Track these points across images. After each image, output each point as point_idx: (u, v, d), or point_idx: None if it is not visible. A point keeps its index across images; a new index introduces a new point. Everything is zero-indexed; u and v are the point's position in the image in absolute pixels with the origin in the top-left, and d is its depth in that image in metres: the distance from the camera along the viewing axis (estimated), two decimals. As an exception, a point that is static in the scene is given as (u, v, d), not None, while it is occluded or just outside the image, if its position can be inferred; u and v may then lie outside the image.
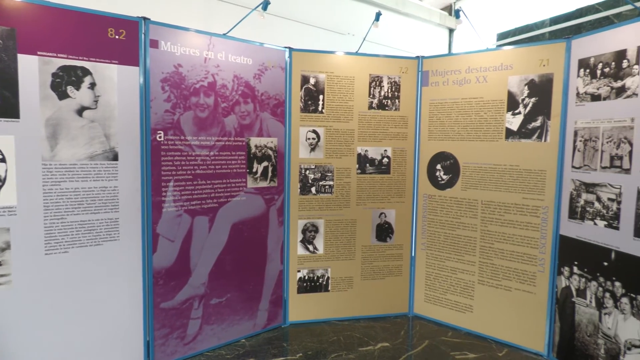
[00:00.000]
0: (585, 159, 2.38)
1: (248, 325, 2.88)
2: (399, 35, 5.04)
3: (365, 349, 2.76)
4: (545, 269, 2.66)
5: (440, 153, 3.09)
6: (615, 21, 3.35)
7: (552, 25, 3.90)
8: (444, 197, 3.09)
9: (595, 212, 2.32)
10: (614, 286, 2.22)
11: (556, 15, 3.87)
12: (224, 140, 2.65)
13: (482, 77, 2.86)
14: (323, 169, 3.06)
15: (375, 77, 3.08)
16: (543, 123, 2.62)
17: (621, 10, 3.30)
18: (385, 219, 3.20)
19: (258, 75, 2.78)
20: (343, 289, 3.18)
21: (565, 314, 2.54)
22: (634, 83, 2.11)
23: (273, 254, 2.97)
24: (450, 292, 3.10)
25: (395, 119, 3.15)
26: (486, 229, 2.90)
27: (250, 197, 2.81)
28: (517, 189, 2.75)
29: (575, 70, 2.45)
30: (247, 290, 2.85)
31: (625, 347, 2.16)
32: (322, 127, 3.03)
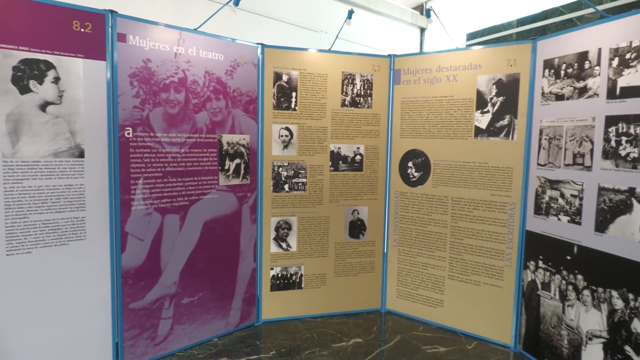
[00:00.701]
0: (550, 157, 2.46)
1: (221, 324, 2.85)
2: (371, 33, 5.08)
3: (339, 345, 2.78)
4: (512, 263, 2.74)
5: (411, 150, 3.13)
6: (578, 24, 3.47)
7: (519, 27, 4.01)
8: (415, 194, 3.14)
9: (559, 207, 2.40)
10: (576, 279, 2.31)
11: (523, 16, 3.98)
12: (195, 137, 2.61)
13: (453, 76, 2.91)
14: (296, 167, 3.05)
15: (348, 74, 3.10)
16: (510, 121, 2.70)
17: (584, 14, 3.42)
18: (358, 216, 3.23)
19: (230, 72, 2.75)
20: (316, 286, 3.19)
21: (531, 307, 2.62)
22: (595, 84, 2.19)
23: (246, 252, 2.95)
24: (421, 287, 3.15)
25: (368, 117, 3.17)
26: (456, 225, 2.96)
27: (222, 195, 2.78)
28: (486, 185, 2.81)
29: (541, 71, 2.53)
30: (219, 289, 2.82)
31: (586, 337, 2.25)
32: (295, 125, 3.02)
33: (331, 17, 4.60)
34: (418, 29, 5.69)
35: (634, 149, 1.99)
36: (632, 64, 2.00)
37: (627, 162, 2.02)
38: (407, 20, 5.41)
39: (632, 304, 2.00)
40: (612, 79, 2.10)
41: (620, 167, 2.06)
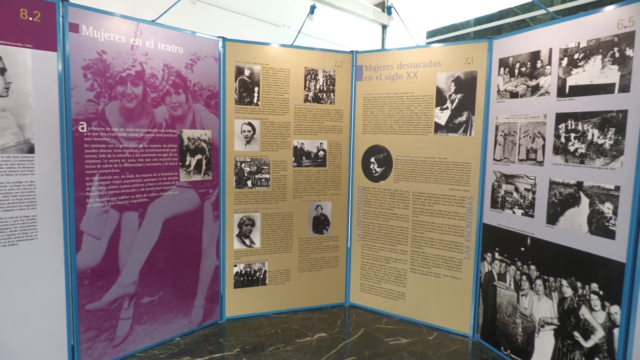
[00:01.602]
0: (505, 152, 2.55)
1: (183, 323, 2.80)
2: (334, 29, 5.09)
3: (303, 340, 2.79)
4: (470, 255, 2.83)
5: (374, 146, 3.17)
6: (531, 24, 3.61)
7: (477, 26, 4.13)
8: (377, 189, 3.18)
9: (514, 201, 2.50)
10: (529, 269, 2.41)
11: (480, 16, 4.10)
12: (154, 132, 2.54)
13: (413, 73, 2.96)
14: (259, 162, 3.03)
15: (310, 70, 3.09)
16: (468, 118, 2.78)
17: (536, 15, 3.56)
18: (321, 211, 3.24)
19: (190, 65, 2.69)
20: (280, 281, 3.18)
21: (487, 297, 2.72)
22: (546, 82, 2.29)
23: (208, 249, 2.90)
24: (384, 281, 3.21)
25: (331, 113, 3.18)
26: (417, 219, 3.02)
27: (183, 192, 2.72)
28: (445, 180, 2.89)
29: (497, 69, 2.62)
30: (181, 287, 2.76)
31: (539, 324, 2.36)
32: (258, 120, 3.00)
33: (294, 12, 4.58)
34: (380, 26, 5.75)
35: (582, 145, 2.09)
36: (580, 64, 2.11)
37: (575, 157, 2.13)
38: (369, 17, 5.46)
39: (580, 292, 2.11)
40: (561, 78, 2.20)
41: (569, 162, 2.16)
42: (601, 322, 2.01)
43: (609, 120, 1.97)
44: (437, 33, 4.61)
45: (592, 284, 2.05)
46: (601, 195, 2.01)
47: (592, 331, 2.05)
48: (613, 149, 1.96)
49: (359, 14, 5.29)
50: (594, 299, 2.04)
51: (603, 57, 2.01)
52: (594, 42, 2.04)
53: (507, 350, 2.57)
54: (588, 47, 2.07)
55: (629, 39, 1.90)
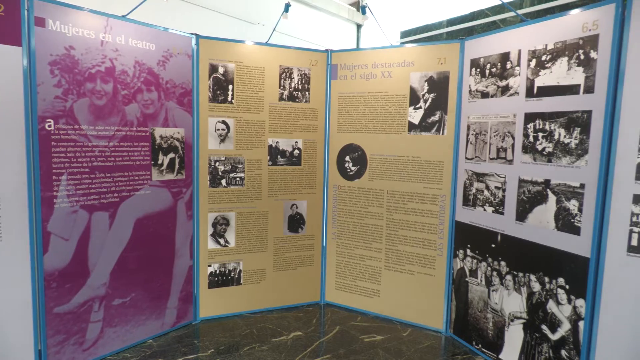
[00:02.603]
0: (477, 151, 2.61)
1: (156, 325, 2.75)
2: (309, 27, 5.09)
3: (279, 340, 2.78)
4: (443, 252, 2.88)
5: (349, 145, 3.19)
6: (501, 26, 3.70)
7: (449, 27, 4.20)
8: (352, 187, 3.20)
9: (485, 199, 2.56)
10: (500, 265, 2.47)
11: (452, 17, 4.18)
12: (125, 130, 2.49)
13: (387, 72, 2.99)
14: (233, 161, 3.00)
15: (285, 68, 3.08)
16: (441, 117, 2.82)
17: (506, 17, 3.65)
18: (297, 210, 3.24)
19: (162, 62, 2.64)
20: (255, 281, 3.16)
21: (460, 293, 2.78)
22: (515, 83, 2.35)
23: (182, 249, 2.86)
24: (359, 278, 3.23)
25: (306, 111, 3.18)
26: (391, 217, 3.06)
27: (155, 191, 2.67)
28: (419, 179, 2.93)
29: (468, 69, 2.67)
30: (153, 289, 2.71)
31: (509, 319, 2.43)
32: (232, 118, 2.97)
33: (269, 10, 4.55)
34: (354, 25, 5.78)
35: (549, 144, 2.16)
36: (547, 65, 2.17)
37: (543, 156, 2.19)
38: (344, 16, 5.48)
39: (547, 287, 2.18)
40: (530, 78, 2.26)
41: (537, 160, 2.22)
42: (567, 315, 2.08)
43: (574, 120, 2.04)
44: (411, 33, 4.67)
45: (558, 278, 2.12)
46: (567, 192, 2.08)
47: (559, 324, 2.12)
48: (578, 148, 2.02)
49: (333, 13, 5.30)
50: (560, 293, 2.11)
51: (569, 59, 2.07)
52: (561, 44, 2.11)
53: (479, 345, 2.63)
54: (555, 49, 2.14)
55: (593, 42, 1.97)
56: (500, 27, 3.64)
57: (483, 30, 3.84)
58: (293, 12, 4.64)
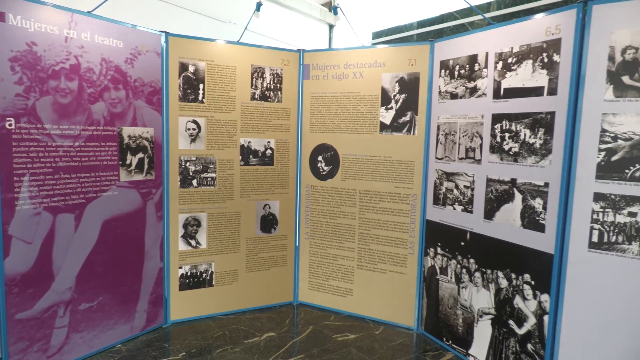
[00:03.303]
0: (446, 151, 2.66)
1: (125, 329, 2.69)
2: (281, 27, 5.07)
3: (252, 341, 2.76)
4: (415, 251, 2.92)
5: (321, 145, 3.19)
6: (469, 28, 3.78)
7: (419, 28, 4.27)
8: (325, 187, 3.21)
9: (454, 198, 2.61)
10: (469, 263, 2.53)
11: (423, 19, 4.24)
12: (92, 129, 2.42)
13: (359, 72, 3.01)
14: (205, 161, 2.96)
15: (257, 68, 3.06)
16: (412, 118, 2.86)
17: (474, 20, 3.73)
18: (269, 210, 3.22)
19: (130, 60, 2.58)
20: (228, 282, 3.13)
21: (431, 291, 2.82)
22: (483, 84, 2.41)
23: (151, 251, 2.80)
24: (332, 278, 3.24)
25: (278, 111, 3.17)
26: (364, 217, 3.08)
27: (123, 192, 2.60)
28: (390, 178, 2.96)
29: (438, 71, 2.72)
30: (122, 292, 2.65)
31: (478, 315, 2.48)
32: (203, 118, 2.93)
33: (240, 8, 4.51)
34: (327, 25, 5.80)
35: (515, 144, 2.22)
36: (513, 68, 2.23)
37: (509, 155, 2.25)
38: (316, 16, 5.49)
39: (514, 283, 2.24)
40: (497, 80, 2.32)
41: (504, 160, 2.29)
42: (533, 310, 2.15)
43: (539, 121, 2.11)
44: (382, 34, 4.72)
45: (525, 274, 2.19)
46: (532, 191, 2.15)
47: (525, 319, 2.19)
48: (542, 148, 2.09)
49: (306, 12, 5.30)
50: (526, 289, 2.18)
51: (533, 61, 2.14)
52: (526, 47, 2.17)
53: (449, 341, 2.69)
54: (520, 52, 2.20)
55: (556, 46, 2.03)
56: (469, 29, 3.72)
57: (452, 32, 3.92)
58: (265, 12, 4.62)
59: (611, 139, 1.85)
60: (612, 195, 1.86)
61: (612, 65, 1.84)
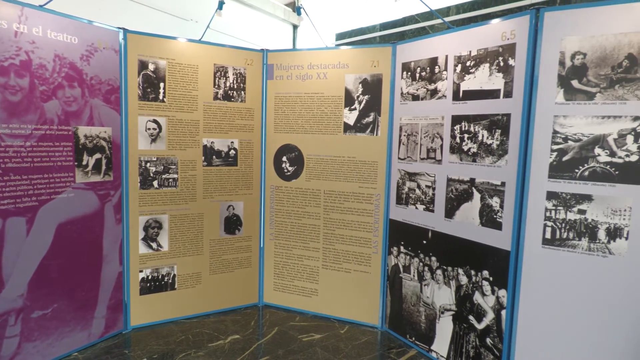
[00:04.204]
0: (408, 151, 2.71)
1: (82, 336, 2.58)
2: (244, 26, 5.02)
3: (215, 344, 2.72)
4: (378, 250, 2.96)
5: (285, 145, 3.19)
6: (430, 32, 3.87)
7: (382, 30, 4.33)
8: (290, 187, 3.20)
9: (417, 197, 2.66)
10: (431, 261, 2.59)
11: (385, 21, 4.31)
12: (45, 128, 2.31)
13: (323, 73, 3.03)
14: (166, 161, 2.89)
15: (220, 67, 3.02)
16: (375, 119, 2.90)
17: (434, 23, 3.82)
18: (233, 212, 3.18)
19: (86, 57, 2.48)
20: (191, 285, 3.07)
21: (394, 289, 2.87)
22: (443, 86, 2.47)
23: (110, 254, 2.71)
24: (297, 278, 3.24)
25: (242, 111, 3.14)
26: (328, 217, 3.10)
27: (79, 194, 2.51)
28: (354, 178, 2.99)
29: (400, 73, 2.77)
30: (79, 298, 2.55)
31: (439, 311, 2.55)
32: (164, 117, 2.86)
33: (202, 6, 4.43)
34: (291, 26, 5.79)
35: (474, 145, 2.29)
36: (471, 71, 2.30)
37: (468, 156, 2.32)
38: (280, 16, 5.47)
39: (473, 279, 2.31)
40: (456, 83, 2.39)
41: (463, 160, 2.35)
42: (491, 305, 2.22)
43: (495, 123, 2.18)
44: (346, 36, 4.76)
45: (483, 271, 2.26)
46: (490, 190, 2.22)
47: (484, 314, 2.26)
48: (499, 149, 2.17)
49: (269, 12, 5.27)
50: (485, 285, 2.25)
51: (490, 65, 2.21)
52: (483, 51, 2.25)
53: (412, 338, 2.74)
54: (478, 55, 2.27)
55: (511, 50, 2.11)
56: (430, 33, 3.81)
57: (413, 35, 4.00)
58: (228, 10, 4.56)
59: (562, 140, 1.94)
60: (563, 193, 1.95)
61: (563, 69, 1.93)
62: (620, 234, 1.84)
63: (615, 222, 1.85)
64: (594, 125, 1.87)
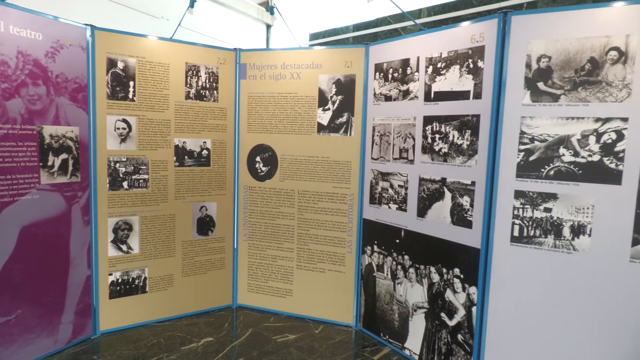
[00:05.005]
0: (381, 151, 2.74)
1: (47, 343, 2.50)
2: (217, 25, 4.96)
3: (188, 347, 2.68)
4: (352, 249, 2.98)
5: (259, 145, 3.17)
6: (402, 33, 3.92)
7: (355, 31, 4.36)
8: (263, 188, 3.19)
9: (390, 197, 2.69)
10: (404, 259, 2.62)
11: (358, 22, 4.34)
12: (7, 128, 2.22)
13: (296, 73, 3.02)
14: (136, 162, 2.83)
15: (192, 66, 2.98)
16: (348, 119, 2.92)
17: (406, 25, 3.88)
18: (206, 212, 3.14)
19: (51, 54, 2.40)
20: (162, 288, 3.01)
21: (368, 288, 2.89)
22: (415, 87, 2.51)
23: (78, 258, 2.63)
24: (271, 279, 3.22)
25: (215, 111, 3.10)
26: (302, 217, 3.10)
27: (45, 195, 2.42)
28: (328, 178, 3.00)
29: (372, 73, 2.79)
30: (44, 303, 2.46)
31: (412, 309, 2.58)
32: (134, 117, 2.80)
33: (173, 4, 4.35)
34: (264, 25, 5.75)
35: (445, 145, 2.33)
36: (442, 72, 2.35)
37: (440, 156, 2.37)
38: (253, 16, 5.43)
39: (445, 277, 2.36)
40: (428, 84, 2.43)
41: (435, 160, 2.39)
42: (462, 302, 2.27)
43: (465, 123, 2.23)
44: (319, 36, 4.77)
45: (455, 268, 2.30)
46: (461, 189, 2.27)
47: (455, 311, 2.31)
48: (469, 149, 2.22)
49: (242, 11, 5.22)
50: (456, 282, 2.30)
51: (460, 67, 2.26)
52: (453, 53, 2.29)
53: (386, 336, 2.77)
54: (448, 57, 2.32)
55: (480, 52, 2.16)
56: (402, 34, 3.85)
57: (386, 36, 4.05)
58: (200, 9, 4.50)
59: (529, 141, 2.00)
60: (530, 192, 2.01)
61: (529, 72, 1.99)
62: (583, 231, 1.91)
63: (579, 219, 1.91)
64: (558, 126, 1.93)
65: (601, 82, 1.84)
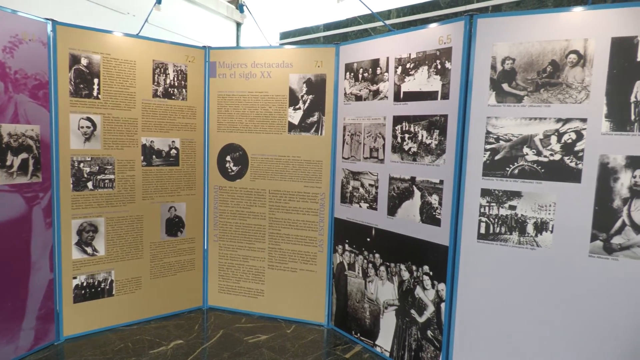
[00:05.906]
0: (352, 151, 2.76)
1: (7, 350, 2.40)
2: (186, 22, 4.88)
3: (157, 351, 2.62)
4: (324, 248, 2.99)
5: (229, 145, 3.13)
6: (372, 34, 3.96)
7: (326, 31, 4.37)
8: (234, 187, 3.15)
9: (360, 196, 2.72)
10: (374, 258, 2.65)
11: (329, 22, 4.35)
12: (-39, 127, 2.12)
13: (267, 72, 3.00)
14: (101, 162, 2.75)
15: (159, 63, 2.91)
16: (319, 118, 2.92)
17: (376, 25, 3.91)
18: (175, 213, 3.08)
19: (9, 49, 2.30)
20: (130, 290, 2.94)
21: (340, 287, 2.91)
22: (385, 87, 2.54)
23: (40, 261, 2.53)
24: (242, 280, 3.20)
25: (183, 109, 3.05)
26: (274, 217, 3.08)
27: (3, 196, 2.32)
28: (300, 178, 3.00)
29: (343, 73, 2.81)
30: (3, 309, 2.36)
31: (383, 307, 2.61)
32: (99, 115, 2.71)
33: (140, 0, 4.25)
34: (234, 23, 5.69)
35: (414, 144, 2.37)
36: (411, 73, 2.38)
37: (409, 155, 2.40)
38: (223, 13, 5.36)
39: (415, 274, 2.39)
40: (397, 84, 2.46)
41: (404, 159, 2.43)
42: (432, 299, 2.31)
43: (434, 123, 2.27)
44: (290, 35, 4.75)
45: (424, 266, 2.34)
46: (429, 188, 2.31)
47: (425, 307, 2.35)
48: (438, 148, 2.26)
49: (212, 9, 5.15)
50: (425, 279, 2.34)
51: (429, 67, 2.30)
52: (422, 54, 2.33)
53: (358, 334, 2.79)
54: (417, 58, 2.35)
55: (447, 54, 2.21)
56: (371, 35, 3.89)
57: (356, 36, 4.07)
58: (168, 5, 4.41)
59: (494, 140, 2.06)
60: (496, 190, 2.07)
61: (494, 73, 2.04)
62: (546, 227, 1.97)
63: (541, 216, 1.98)
64: (522, 127, 2.00)
65: (562, 84, 1.91)
